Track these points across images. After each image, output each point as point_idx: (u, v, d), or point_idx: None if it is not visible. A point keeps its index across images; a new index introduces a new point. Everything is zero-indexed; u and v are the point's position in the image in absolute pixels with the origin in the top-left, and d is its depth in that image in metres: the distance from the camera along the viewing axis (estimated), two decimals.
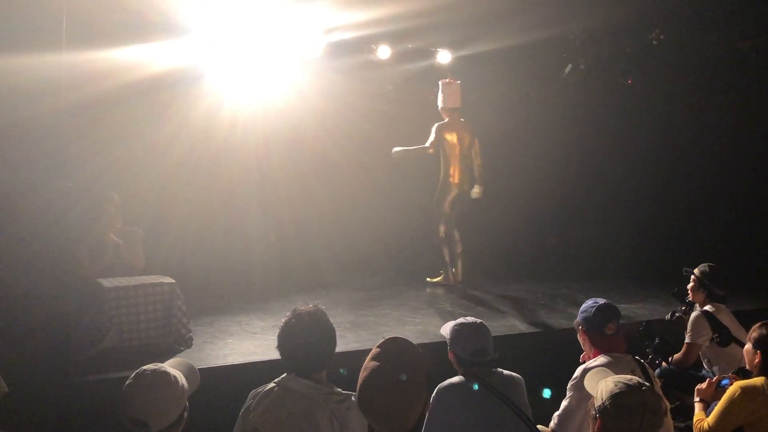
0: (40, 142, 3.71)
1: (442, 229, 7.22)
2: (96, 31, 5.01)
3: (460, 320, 3.08)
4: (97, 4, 4.99)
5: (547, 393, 2.94)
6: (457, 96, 7.15)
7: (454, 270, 7.33)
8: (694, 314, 4.42)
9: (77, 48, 4.01)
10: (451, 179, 7.15)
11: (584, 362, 3.26)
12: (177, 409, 2.20)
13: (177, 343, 4.75)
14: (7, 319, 3.56)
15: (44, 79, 3.69)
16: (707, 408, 3.38)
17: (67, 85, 3.82)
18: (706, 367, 4.44)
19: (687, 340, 4.37)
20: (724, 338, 4.25)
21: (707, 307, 4.42)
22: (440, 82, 7.19)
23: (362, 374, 1.95)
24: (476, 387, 2.62)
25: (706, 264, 4.57)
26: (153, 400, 2.14)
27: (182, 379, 2.26)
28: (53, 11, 3.66)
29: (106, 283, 4.65)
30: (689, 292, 4.63)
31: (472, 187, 7.24)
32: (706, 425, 3.24)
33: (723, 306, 4.46)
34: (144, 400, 2.14)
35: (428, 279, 7.45)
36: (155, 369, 2.22)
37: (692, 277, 4.59)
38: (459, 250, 7.32)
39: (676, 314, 4.71)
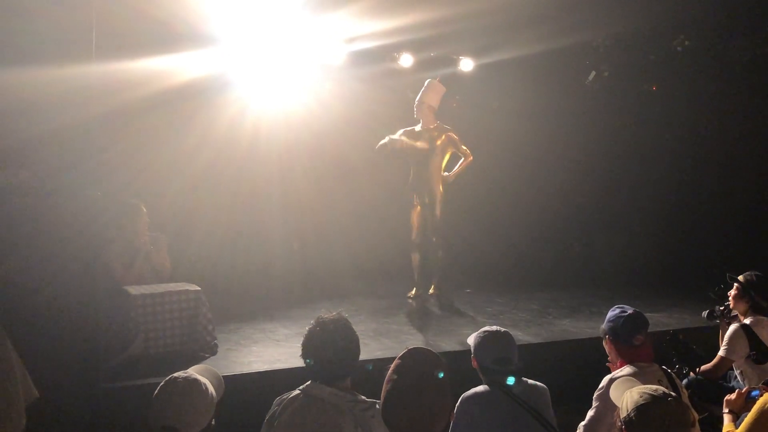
0: (70, 151, 3.78)
1: (412, 235, 7.02)
2: (124, 42, 5.10)
3: (485, 328, 3.08)
4: (125, 16, 5.08)
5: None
6: (426, 95, 6.87)
7: (434, 282, 7.13)
8: (732, 327, 4.23)
9: (106, 59, 4.08)
10: (408, 186, 7.00)
11: (611, 370, 3.23)
12: (207, 417, 2.22)
13: (202, 350, 4.78)
14: (38, 325, 3.62)
15: (73, 90, 3.76)
16: (737, 420, 3.33)
17: (95, 95, 3.89)
18: (738, 377, 4.32)
19: (721, 353, 4.22)
20: (761, 356, 4.10)
21: (747, 320, 4.23)
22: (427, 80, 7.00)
23: (385, 387, 1.96)
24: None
25: (752, 272, 4.33)
26: (185, 408, 2.16)
27: (211, 387, 2.28)
28: (83, 23, 3.74)
29: (133, 290, 4.70)
30: (731, 300, 4.40)
31: (433, 201, 6.86)
32: None
33: (765, 318, 4.24)
34: (176, 408, 2.15)
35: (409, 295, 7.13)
36: (186, 377, 2.23)
37: (735, 285, 4.36)
38: (436, 261, 7.01)
39: (715, 315, 4.48)
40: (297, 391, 2.60)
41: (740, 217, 8.48)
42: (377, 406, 2.47)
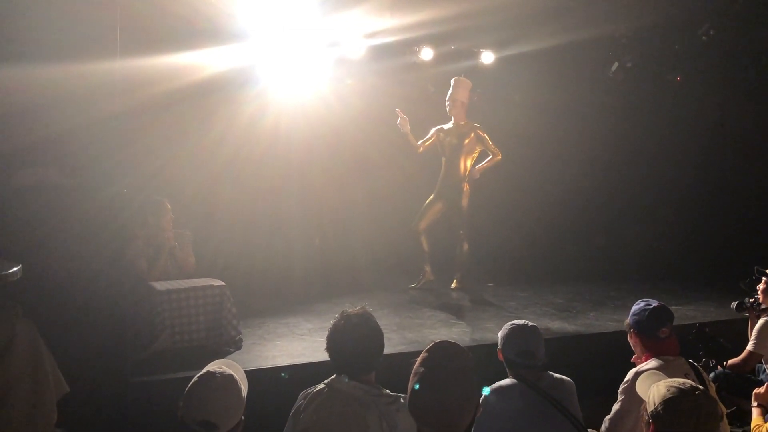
0: (94, 147, 3.82)
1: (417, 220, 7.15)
2: (147, 39, 5.14)
3: (513, 322, 3.08)
4: (148, 13, 5.12)
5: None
6: (457, 93, 7.00)
7: (456, 276, 7.18)
8: (761, 321, 4.19)
9: (130, 55, 4.12)
10: (438, 183, 7.14)
11: (636, 364, 3.21)
12: (240, 413, 2.25)
13: (227, 344, 4.81)
14: (67, 321, 3.67)
15: (97, 86, 3.80)
16: (766, 413, 3.29)
17: (119, 91, 3.93)
18: (767, 371, 4.26)
19: (749, 347, 4.18)
20: None
21: None
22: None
23: (412, 380, 1.96)
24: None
25: None
26: (223, 403, 2.18)
27: (241, 383, 2.32)
28: (108, 20, 3.78)
29: (159, 285, 4.75)
30: (760, 293, 4.36)
31: (460, 195, 6.99)
32: (765, 431, 3.14)
33: None
34: (215, 403, 2.17)
35: (411, 286, 7.25)
36: (223, 372, 2.26)
37: (764, 278, 4.32)
38: (462, 254, 7.09)
39: (744, 306, 4.43)
40: (322, 385, 2.62)
41: None
42: (402, 400, 2.49)
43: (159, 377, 4.18)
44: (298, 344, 5.01)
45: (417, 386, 1.92)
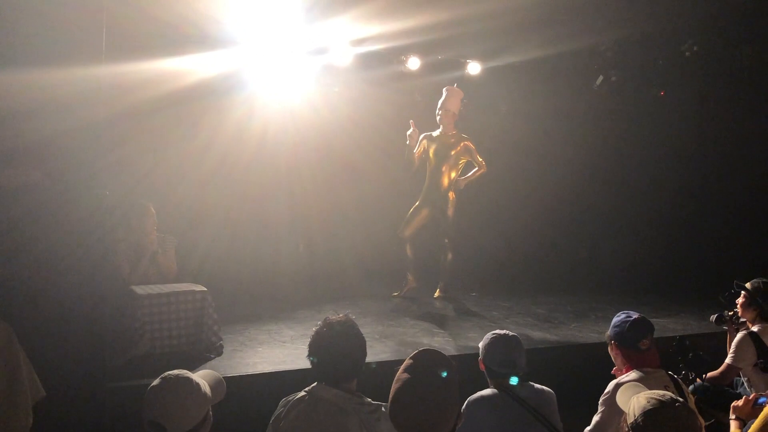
0: (80, 152, 3.80)
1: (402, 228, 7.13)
2: (133, 44, 5.13)
3: (495, 332, 3.09)
4: (134, 19, 5.12)
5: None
6: (449, 102, 6.96)
7: (440, 284, 7.18)
8: (740, 335, 4.20)
9: (115, 60, 4.11)
10: (423, 191, 7.12)
11: (616, 376, 3.23)
12: (196, 416, 2.19)
13: (207, 350, 4.77)
14: (46, 325, 3.63)
15: (84, 91, 3.79)
16: (743, 426, 3.31)
17: (105, 96, 3.92)
18: (745, 384, 4.29)
19: (728, 360, 4.19)
20: None
21: (755, 328, 4.20)
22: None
23: (394, 386, 1.95)
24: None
25: (760, 279, 4.30)
26: (172, 404, 2.15)
27: (206, 388, 2.27)
28: (93, 25, 3.77)
29: (139, 290, 4.71)
30: (739, 307, 4.36)
31: (445, 204, 6.98)
32: None
33: None
34: (163, 404, 2.15)
35: (394, 294, 7.23)
36: (178, 374, 2.23)
37: (743, 292, 4.32)
38: (445, 263, 7.09)
39: (723, 319, 4.43)
40: (303, 393, 2.60)
41: (748, 222, 8.45)
42: (383, 408, 2.48)
43: (136, 382, 4.12)
44: (280, 351, 4.98)
45: (399, 393, 1.91)
